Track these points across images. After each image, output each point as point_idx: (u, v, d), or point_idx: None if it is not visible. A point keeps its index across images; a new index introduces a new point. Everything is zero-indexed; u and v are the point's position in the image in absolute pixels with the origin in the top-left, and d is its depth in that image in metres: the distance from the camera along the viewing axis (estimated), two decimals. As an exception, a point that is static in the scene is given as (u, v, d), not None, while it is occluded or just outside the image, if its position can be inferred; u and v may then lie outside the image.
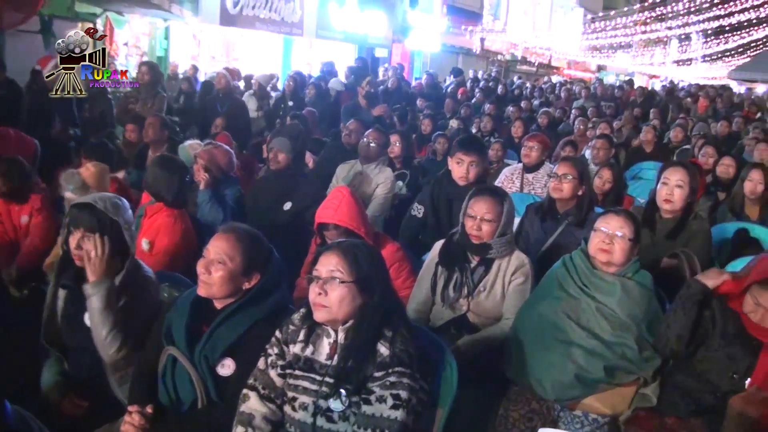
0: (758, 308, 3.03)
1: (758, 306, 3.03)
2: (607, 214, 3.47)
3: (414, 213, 5.04)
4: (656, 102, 15.79)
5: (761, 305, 3.02)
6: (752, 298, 3.05)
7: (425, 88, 15.08)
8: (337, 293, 2.55)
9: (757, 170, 5.50)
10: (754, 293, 3.04)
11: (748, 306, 3.07)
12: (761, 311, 3.02)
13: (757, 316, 3.04)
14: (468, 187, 4.63)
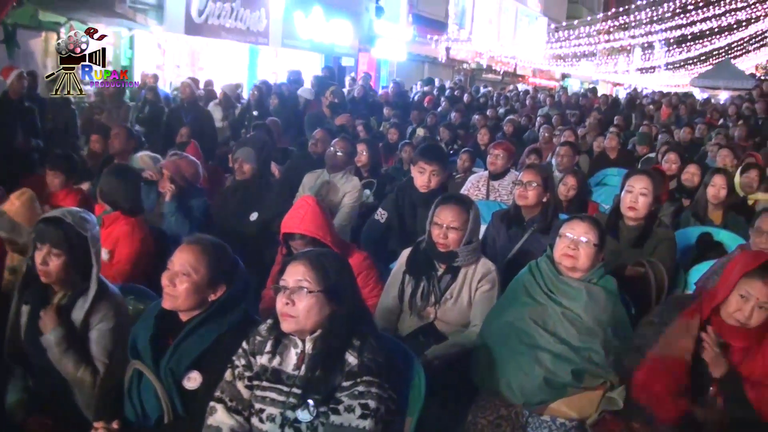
0: (747, 302, 3.04)
1: (747, 299, 3.04)
2: (572, 219, 3.50)
3: (377, 218, 5.06)
4: (620, 110, 15.98)
5: (752, 296, 3.03)
6: (738, 295, 3.06)
7: (392, 97, 15.12)
8: (304, 303, 2.54)
9: (720, 175, 5.58)
10: (742, 288, 3.05)
11: (732, 305, 3.07)
12: (751, 303, 3.03)
13: (745, 312, 3.04)
14: (431, 193, 4.68)
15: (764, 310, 3.02)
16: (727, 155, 7.78)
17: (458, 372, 3.42)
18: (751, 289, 3.03)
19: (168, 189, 5.01)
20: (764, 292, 3.01)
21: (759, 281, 3.02)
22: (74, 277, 3.11)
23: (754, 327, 3.05)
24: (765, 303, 3.01)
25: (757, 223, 4.14)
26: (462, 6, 32.18)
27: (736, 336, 3.09)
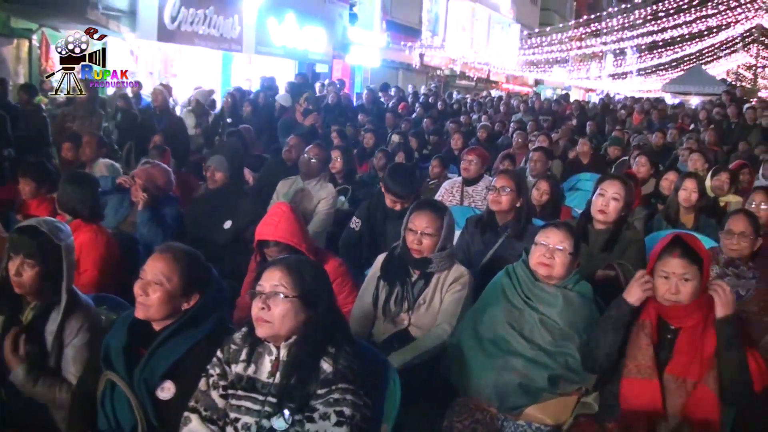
0: (669, 280, 3.08)
1: (668, 277, 3.08)
2: (547, 227, 3.52)
3: (352, 226, 5.14)
4: (592, 115, 16.11)
5: (669, 274, 3.07)
6: (660, 277, 3.10)
7: (366, 103, 15.13)
8: (280, 308, 2.54)
9: (691, 179, 5.65)
10: (659, 270, 3.10)
11: (661, 288, 3.11)
12: (673, 280, 3.07)
13: (671, 289, 3.07)
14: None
15: (688, 282, 3.05)
16: (698, 159, 7.88)
17: (433, 377, 3.43)
18: (666, 267, 3.08)
19: (141, 198, 4.96)
20: (677, 265, 3.05)
21: (670, 258, 3.07)
22: (47, 288, 3.06)
23: (690, 302, 3.08)
24: (683, 275, 3.05)
25: (727, 225, 4.19)
26: (435, 13, 32.32)
27: (680, 315, 3.11)
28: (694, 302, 3.08)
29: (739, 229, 4.11)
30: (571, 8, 48.29)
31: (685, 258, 3.06)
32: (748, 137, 12.23)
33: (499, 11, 37.77)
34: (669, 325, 3.15)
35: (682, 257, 3.06)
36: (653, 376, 3.05)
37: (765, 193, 5.48)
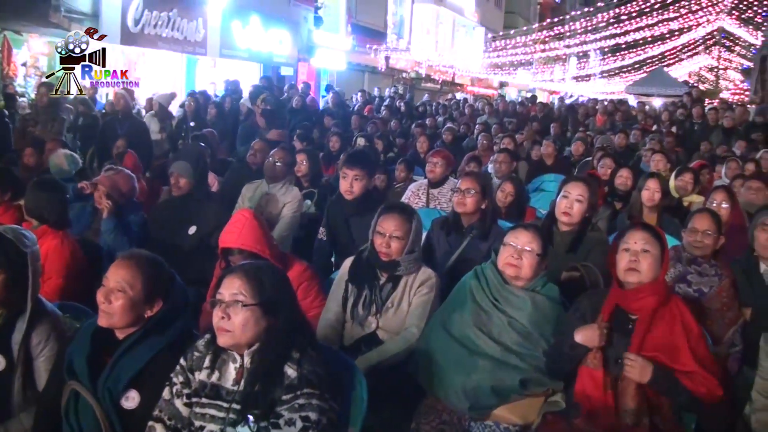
0: (628, 253, 3.20)
1: (628, 251, 3.21)
2: (516, 228, 3.55)
3: (320, 236, 5.16)
4: (556, 117, 16.25)
5: (630, 245, 3.21)
6: (621, 252, 3.23)
7: (332, 106, 15.11)
8: (240, 317, 2.51)
9: (654, 179, 5.72)
10: (621, 245, 3.24)
11: (621, 263, 3.22)
12: (633, 251, 3.19)
13: (630, 261, 3.18)
14: (357, 201, 4.76)
15: (648, 254, 3.17)
16: (661, 160, 7.99)
17: (401, 379, 3.43)
18: (628, 239, 3.23)
19: (105, 205, 4.90)
20: (639, 236, 3.22)
21: (632, 231, 3.25)
22: (13, 297, 2.99)
23: (648, 279, 3.17)
24: (644, 246, 3.18)
25: (690, 224, 4.25)
26: (400, 16, 32.40)
27: (638, 297, 3.18)
28: (652, 285, 3.18)
29: (703, 227, 4.17)
30: (535, 11, 48.66)
31: (646, 231, 3.24)
32: (710, 137, 12.42)
33: (463, 14, 37.95)
34: (628, 315, 3.20)
35: (644, 230, 3.24)
36: (598, 366, 3.12)
37: (725, 191, 5.59)
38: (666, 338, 3.11)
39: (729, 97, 35.65)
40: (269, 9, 20.90)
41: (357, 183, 4.88)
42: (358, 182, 4.88)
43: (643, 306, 3.16)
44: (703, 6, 35.92)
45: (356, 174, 4.88)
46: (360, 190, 4.89)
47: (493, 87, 40.62)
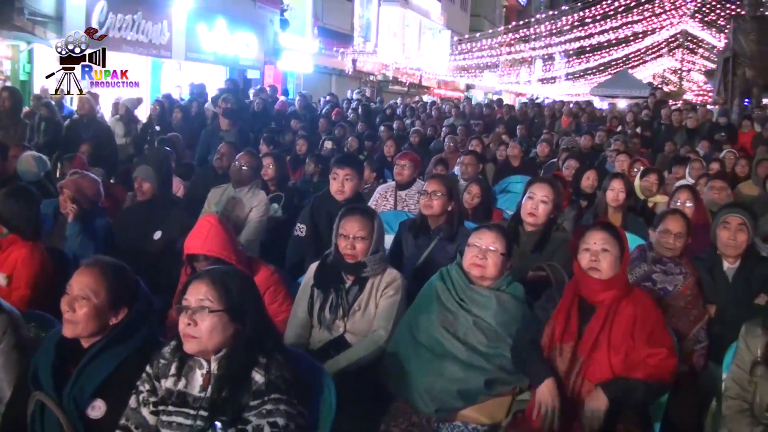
0: (588, 252, 3.31)
1: (588, 250, 3.31)
2: (480, 229, 3.58)
3: (297, 233, 5.11)
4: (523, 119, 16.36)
5: (590, 245, 3.30)
6: (582, 251, 3.33)
7: (299, 109, 15.06)
8: (207, 323, 2.49)
9: (618, 180, 5.78)
10: (581, 245, 3.33)
11: (582, 261, 3.33)
12: (593, 250, 3.29)
13: (591, 260, 3.29)
14: (347, 202, 4.76)
15: (608, 253, 3.27)
16: (625, 160, 8.09)
17: (369, 382, 3.43)
18: (588, 239, 3.32)
19: (70, 209, 4.82)
20: (598, 237, 3.31)
21: (592, 231, 3.34)
22: None
23: (608, 276, 3.27)
24: (603, 245, 3.27)
25: (663, 225, 4.27)
26: (367, 19, 32.44)
27: (597, 289, 3.29)
28: (610, 279, 3.27)
29: (677, 230, 4.22)
30: (500, 14, 49.03)
31: (605, 231, 3.32)
32: (674, 138, 12.59)
33: (429, 17, 38.12)
34: (589, 307, 3.29)
35: (603, 230, 3.33)
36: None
37: (689, 191, 5.66)
38: (629, 330, 3.22)
39: (692, 99, 36.18)
40: (235, 12, 20.83)
41: (348, 183, 4.97)
42: (349, 182, 4.97)
43: (604, 298, 3.27)
44: (667, 9, 36.46)
45: (347, 174, 4.95)
46: (351, 191, 4.97)
47: (460, 89, 40.85)
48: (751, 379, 3.10)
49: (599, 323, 3.23)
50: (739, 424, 3.08)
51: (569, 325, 3.27)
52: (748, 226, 4.22)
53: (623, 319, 3.23)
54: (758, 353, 3.09)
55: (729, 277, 4.24)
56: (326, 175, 5.49)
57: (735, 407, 3.13)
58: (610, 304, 3.26)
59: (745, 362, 3.13)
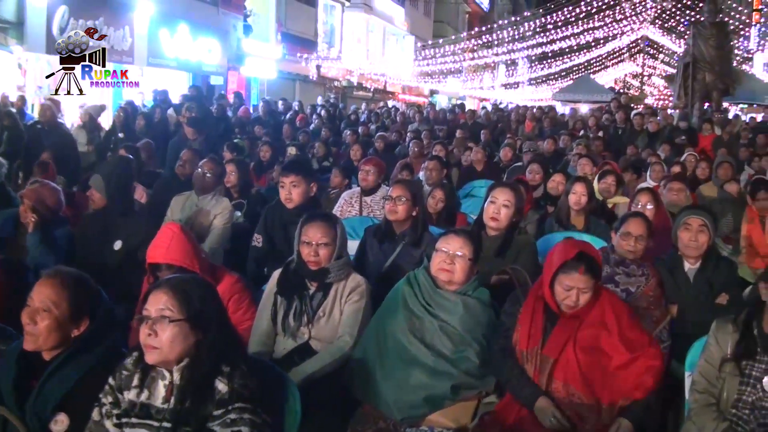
0: (570, 292, 3.24)
1: (569, 290, 3.23)
2: (448, 234, 3.61)
3: (254, 244, 5.09)
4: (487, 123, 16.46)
5: (572, 287, 3.23)
6: (561, 287, 3.26)
7: (262, 115, 15.00)
8: (168, 333, 2.47)
9: (580, 183, 5.84)
10: (562, 281, 3.25)
11: (560, 295, 3.27)
12: (574, 291, 3.23)
13: (572, 298, 3.24)
14: (298, 209, 4.75)
15: (586, 293, 3.24)
16: (587, 164, 8.17)
17: (335, 388, 3.43)
18: (570, 281, 3.23)
19: (30, 219, 4.75)
20: (581, 280, 3.22)
21: (575, 273, 3.22)
22: None
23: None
24: (584, 288, 3.23)
25: (624, 228, 4.33)
26: (330, 25, 32.44)
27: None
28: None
29: (638, 232, 4.27)
30: (463, 21, 49.31)
31: (588, 274, 3.22)
32: (635, 141, 12.75)
33: (393, 23, 38.22)
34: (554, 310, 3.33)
35: (586, 273, 3.22)
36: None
37: (650, 193, 5.74)
38: (599, 326, 3.26)
39: (653, 103, 36.64)
40: (197, 17, 20.70)
41: (295, 190, 4.92)
42: (296, 189, 4.92)
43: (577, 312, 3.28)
44: (627, 15, 36.91)
45: (293, 181, 4.92)
46: (299, 197, 4.93)
47: (424, 95, 40.95)
48: (719, 375, 3.17)
49: (566, 325, 3.27)
50: (704, 418, 3.14)
51: (535, 328, 3.31)
52: (708, 227, 4.30)
53: (591, 321, 3.27)
54: (728, 350, 3.16)
55: (690, 278, 4.32)
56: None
57: (702, 401, 3.19)
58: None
59: (714, 358, 3.19)
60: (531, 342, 3.29)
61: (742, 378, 3.12)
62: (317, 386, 3.35)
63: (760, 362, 3.11)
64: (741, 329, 3.17)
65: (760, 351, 3.12)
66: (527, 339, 3.30)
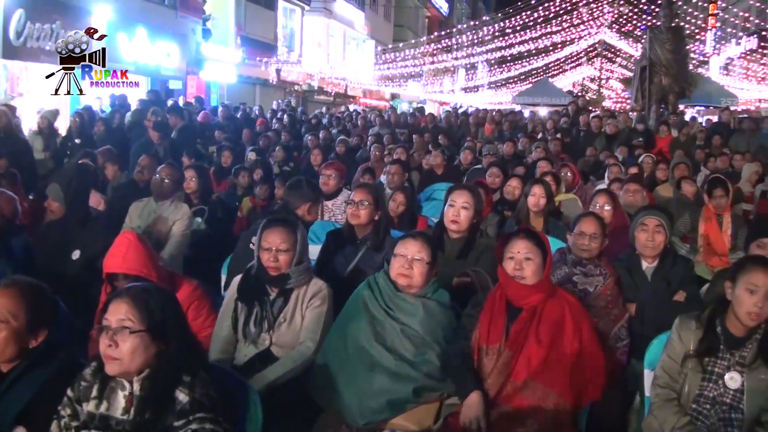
0: (513, 261, 3.40)
1: (512, 258, 3.40)
2: (405, 238, 3.62)
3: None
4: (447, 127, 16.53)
5: (513, 254, 3.41)
6: (506, 259, 3.43)
7: (222, 120, 14.90)
8: (128, 344, 2.44)
9: (539, 185, 5.91)
10: (506, 253, 3.44)
11: (507, 268, 3.41)
12: (517, 259, 3.39)
13: (515, 268, 3.39)
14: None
15: (531, 261, 3.38)
16: (545, 166, 8.23)
17: (298, 394, 3.42)
18: (511, 248, 3.43)
19: (-16, 229, 4.67)
20: (521, 245, 3.41)
21: (515, 240, 3.44)
22: None
23: (532, 282, 3.38)
24: (526, 254, 3.38)
25: (577, 228, 4.38)
26: (290, 29, 32.40)
27: (522, 295, 3.40)
28: (536, 284, 3.38)
29: (591, 231, 4.32)
30: (423, 25, 49.58)
31: (528, 239, 3.41)
32: (594, 143, 12.90)
33: (353, 27, 38.26)
34: (515, 309, 3.40)
35: (525, 239, 3.41)
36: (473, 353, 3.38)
37: (607, 195, 5.82)
38: (556, 326, 3.32)
39: (611, 106, 37.15)
40: (156, 21, 20.50)
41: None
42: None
43: (529, 302, 3.37)
44: (585, 20, 37.40)
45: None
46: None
47: (385, 99, 41.05)
48: (681, 370, 3.27)
49: (526, 321, 3.33)
50: (666, 413, 3.24)
51: (496, 325, 3.36)
52: (665, 227, 4.39)
53: (549, 317, 3.34)
54: (691, 347, 3.26)
55: (648, 276, 4.39)
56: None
57: (663, 396, 3.29)
58: (536, 305, 3.36)
59: (677, 354, 3.29)
60: (492, 338, 3.34)
61: (704, 374, 3.23)
62: (279, 393, 3.34)
63: (722, 359, 3.22)
64: (704, 326, 3.26)
65: (723, 348, 3.22)
66: (487, 335, 3.35)
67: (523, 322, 3.33)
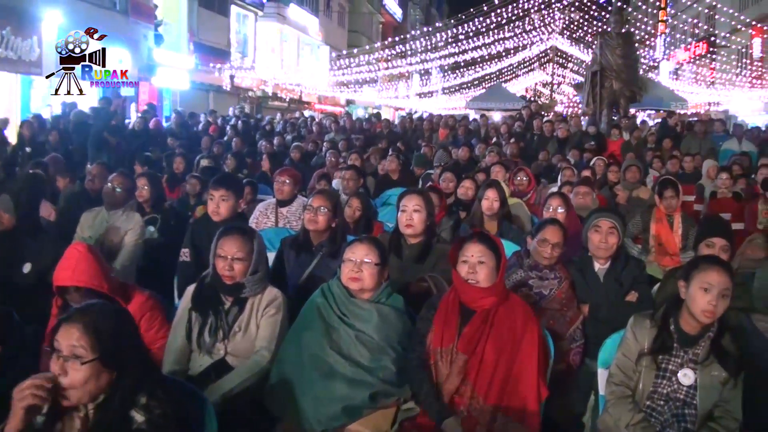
0: (466, 264, 3.45)
1: (466, 262, 3.45)
2: (352, 243, 3.66)
3: (182, 258, 4.98)
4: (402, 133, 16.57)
5: (467, 258, 3.45)
6: (460, 263, 3.48)
7: (175, 127, 14.74)
8: (80, 375, 2.35)
9: (492, 189, 5.97)
10: (460, 257, 3.49)
11: (461, 271, 3.46)
12: (470, 263, 3.44)
13: (468, 272, 3.44)
14: (225, 222, 4.69)
15: (484, 265, 3.43)
16: (500, 170, 8.32)
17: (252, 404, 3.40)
18: (465, 252, 3.48)
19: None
20: (474, 249, 3.46)
21: (469, 244, 3.49)
22: None
23: (486, 284, 3.42)
24: (480, 257, 3.43)
25: (541, 235, 4.41)
26: (244, 35, 32.24)
27: (475, 298, 3.44)
28: (489, 287, 3.42)
29: (555, 240, 4.37)
30: (377, 31, 49.75)
31: (481, 243, 3.46)
32: (546, 147, 13.05)
33: (307, 33, 38.22)
34: (469, 311, 3.43)
35: (479, 242, 3.46)
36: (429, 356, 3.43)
37: (560, 197, 5.89)
38: (509, 329, 3.38)
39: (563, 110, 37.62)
40: (107, 26, 20.09)
41: (224, 203, 4.94)
42: (224, 203, 4.94)
43: (482, 305, 3.41)
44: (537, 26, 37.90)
45: (222, 195, 4.93)
46: (228, 212, 4.93)
47: (340, 104, 41.03)
48: (636, 368, 3.34)
49: (479, 324, 3.37)
50: (621, 410, 3.31)
51: (449, 327, 3.40)
52: (618, 229, 4.46)
53: (502, 321, 3.38)
54: (645, 345, 3.34)
55: (600, 277, 4.46)
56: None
57: (618, 393, 3.36)
58: (489, 308, 3.40)
59: (632, 351, 3.36)
60: (445, 340, 3.38)
61: (658, 371, 3.31)
62: (234, 403, 3.31)
63: (676, 357, 3.30)
64: (659, 325, 3.33)
65: (677, 346, 3.30)
66: (441, 337, 3.39)
67: (476, 325, 3.37)
